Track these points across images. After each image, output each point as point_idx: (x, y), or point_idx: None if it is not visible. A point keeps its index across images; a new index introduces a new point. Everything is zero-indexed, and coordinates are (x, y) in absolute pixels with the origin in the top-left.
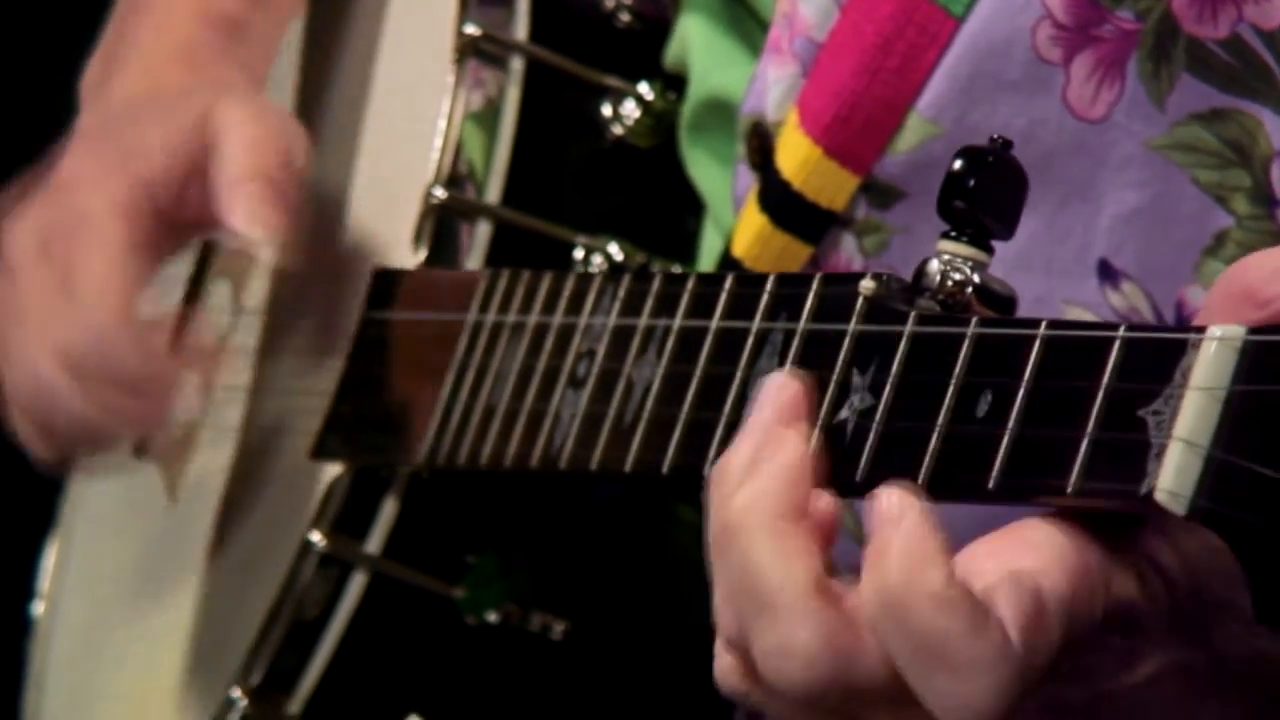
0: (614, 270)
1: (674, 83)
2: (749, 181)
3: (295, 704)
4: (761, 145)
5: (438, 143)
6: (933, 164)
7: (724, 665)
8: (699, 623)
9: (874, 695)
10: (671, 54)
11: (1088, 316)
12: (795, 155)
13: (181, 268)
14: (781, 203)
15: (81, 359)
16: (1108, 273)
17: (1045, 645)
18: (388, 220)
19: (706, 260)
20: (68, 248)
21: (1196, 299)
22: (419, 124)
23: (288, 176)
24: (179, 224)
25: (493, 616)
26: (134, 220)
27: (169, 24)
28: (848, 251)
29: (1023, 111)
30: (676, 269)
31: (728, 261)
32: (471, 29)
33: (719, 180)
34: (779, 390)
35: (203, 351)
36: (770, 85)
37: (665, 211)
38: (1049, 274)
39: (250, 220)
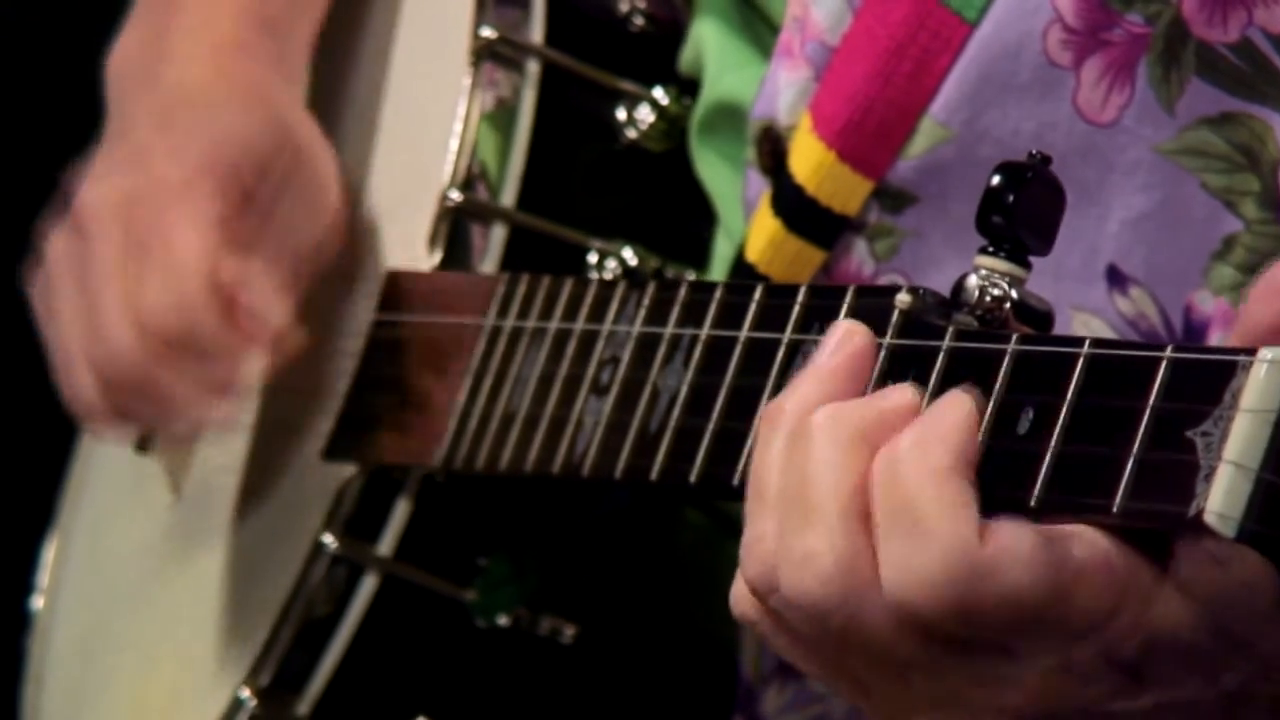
0: (629, 275)
1: (689, 87)
2: (760, 186)
3: (304, 705)
4: (773, 149)
5: (454, 145)
6: (943, 168)
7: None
8: (707, 626)
9: (875, 640)
10: (686, 58)
11: (1095, 323)
12: (809, 160)
13: None
14: (795, 207)
15: (164, 320)
16: (1116, 279)
17: (1017, 572)
18: (401, 221)
19: (718, 265)
20: (156, 217)
21: (1205, 304)
22: (433, 125)
23: None
24: (257, 210)
25: (503, 620)
26: (224, 195)
27: (213, 23)
28: (859, 256)
29: (1033, 115)
30: (691, 274)
31: (741, 266)
32: (488, 31)
33: (728, 183)
34: (848, 337)
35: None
36: (781, 89)
37: (679, 216)
38: (1057, 279)
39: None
